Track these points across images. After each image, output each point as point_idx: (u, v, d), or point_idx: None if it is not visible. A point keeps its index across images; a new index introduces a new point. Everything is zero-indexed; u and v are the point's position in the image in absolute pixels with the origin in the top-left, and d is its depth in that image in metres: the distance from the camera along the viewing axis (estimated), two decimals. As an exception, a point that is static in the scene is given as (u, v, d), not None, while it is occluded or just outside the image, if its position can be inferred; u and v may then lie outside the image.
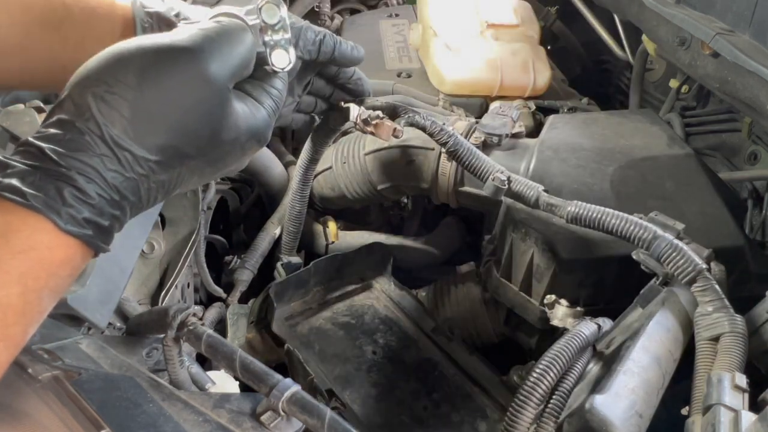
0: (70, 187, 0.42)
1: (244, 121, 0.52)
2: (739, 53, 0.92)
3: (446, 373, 0.98)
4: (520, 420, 0.59)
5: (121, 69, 0.45)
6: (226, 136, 0.50)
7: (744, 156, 1.35)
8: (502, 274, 0.99)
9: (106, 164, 0.43)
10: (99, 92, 0.44)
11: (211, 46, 0.48)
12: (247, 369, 0.56)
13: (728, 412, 0.50)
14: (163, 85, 0.45)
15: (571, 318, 0.88)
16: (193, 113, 0.47)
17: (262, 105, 0.55)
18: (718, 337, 0.61)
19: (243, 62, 0.52)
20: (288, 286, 1.07)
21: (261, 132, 0.54)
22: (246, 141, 0.53)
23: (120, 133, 0.44)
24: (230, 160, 0.53)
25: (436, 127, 0.86)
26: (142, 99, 0.44)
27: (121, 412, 0.49)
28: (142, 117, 0.45)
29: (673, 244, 0.69)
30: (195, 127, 0.48)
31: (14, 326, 0.41)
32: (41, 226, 0.41)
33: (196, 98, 0.47)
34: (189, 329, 0.60)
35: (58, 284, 0.44)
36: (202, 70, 0.47)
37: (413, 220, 1.42)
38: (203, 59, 0.47)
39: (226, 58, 0.49)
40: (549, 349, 0.63)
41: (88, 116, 0.43)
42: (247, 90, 0.55)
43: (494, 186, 0.84)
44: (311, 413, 0.52)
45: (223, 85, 0.49)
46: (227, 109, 0.50)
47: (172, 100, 0.46)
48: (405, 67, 1.45)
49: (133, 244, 0.79)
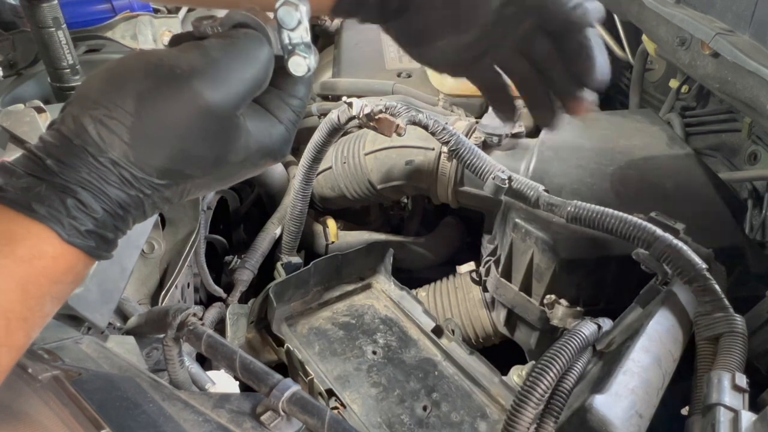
0: (74, 200, 0.42)
1: (257, 141, 0.49)
2: (739, 53, 0.92)
3: (446, 373, 0.98)
4: (520, 420, 0.59)
5: (119, 93, 0.44)
6: (234, 159, 0.48)
7: (744, 156, 1.35)
8: (502, 274, 0.99)
9: (107, 181, 0.43)
10: (97, 116, 0.43)
11: (216, 72, 0.46)
12: (247, 369, 0.56)
13: (728, 412, 0.50)
14: (162, 113, 0.44)
15: (571, 318, 0.88)
16: (195, 139, 0.45)
17: (279, 120, 0.51)
18: (718, 337, 0.61)
19: (254, 84, 0.48)
20: (288, 286, 1.07)
21: (277, 150, 0.51)
22: (260, 159, 0.50)
23: (120, 156, 0.43)
24: (242, 175, 0.51)
25: (438, 126, 0.86)
26: (140, 125, 0.43)
27: (121, 412, 0.49)
28: (142, 142, 0.44)
29: (673, 245, 0.69)
30: (198, 152, 0.46)
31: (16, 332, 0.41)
32: (45, 235, 0.41)
33: (197, 126, 0.45)
34: (189, 329, 0.60)
35: (60, 291, 0.44)
36: (203, 99, 0.45)
37: (413, 220, 1.42)
38: (205, 87, 0.45)
39: (233, 83, 0.46)
40: (549, 349, 0.63)
41: (86, 137, 0.43)
42: (264, 103, 0.51)
43: (495, 185, 0.84)
44: (311, 413, 0.52)
45: (227, 113, 0.46)
46: (233, 134, 0.47)
47: (171, 128, 0.44)
48: (405, 67, 1.46)
49: (133, 244, 0.79)
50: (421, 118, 0.85)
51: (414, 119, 0.85)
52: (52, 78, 1.10)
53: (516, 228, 0.93)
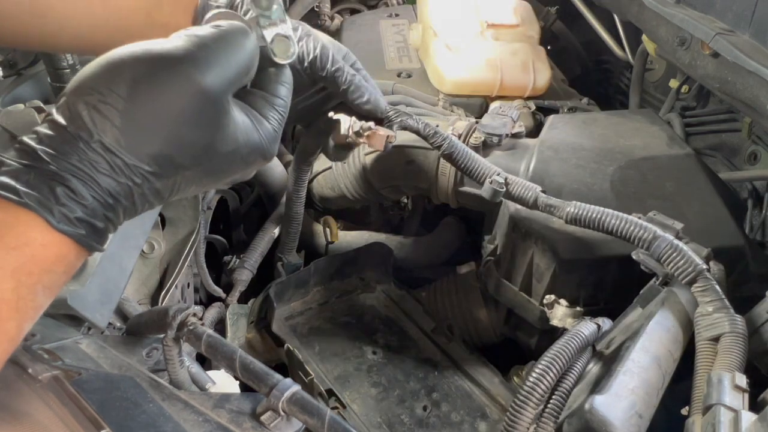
0: (64, 187, 0.42)
1: (245, 135, 0.51)
2: (739, 53, 0.92)
3: (446, 373, 0.98)
4: (520, 420, 0.59)
5: (113, 79, 0.45)
6: (223, 148, 0.49)
7: (744, 156, 1.35)
8: (502, 274, 0.99)
9: (98, 169, 0.44)
10: (92, 101, 0.44)
11: (207, 56, 0.48)
12: (247, 369, 0.56)
13: (728, 412, 0.50)
14: (155, 96, 0.45)
15: (571, 318, 0.88)
16: (187, 124, 0.47)
17: (266, 119, 0.54)
18: (719, 337, 0.61)
19: (242, 70, 0.51)
20: (288, 286, 1.07)
21: (265, 147, 0.53)
22: (247, 154, 0.52)
23: (112, 141, 0.44)
24: (231, 171, 0.52)
25: (430, 130, 0.86)
26: (133, 110, 0.44)
27: (121, 412, 0.49)
28: (134, 127, 0.44)
29: (673, 245, 0.69)
30: (189, 138, 0.47)
31: (8, 321, 0.41)
32: (34, 223, 0.42)
33: (189, 109, 0.46)
34: (189, 329, 0.60)
35: (52, 280, 0.44)
36: (196, 82, 0.46)
37: (413, 220, 1.42)
38: (197, 70, 0.47)
39: (224, 68, 0.48)
40: (549, 349, 0.63)
41: (80, 124, 0.43)
42: (251, 102, 0.53)
43: (492, 189, 0.84)
44: (311, 413, 0.52)
45: (219, 96, 0.48)
46: (224, 120, 0.49)
47: (164, 111, 0.45)
48: (405, 67, 1.45)
49: (133, 244, 0.79)
50: (411, 123, 0.85)
51: (404, 125, 0.84)
52: (52, 78, 1.09)
53: (516, 228, 0.93)
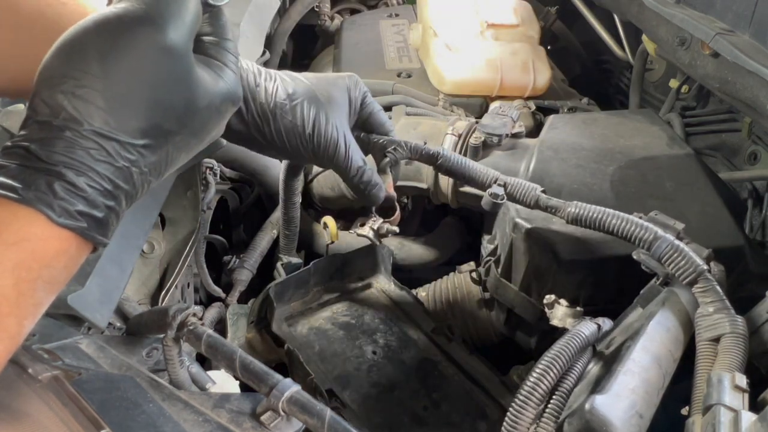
0: (61, 181, 0.42)
1: (213, 85, 0.51)
2: (739, 53, 0.92)
3: (446, 373, 0.98)
4: (520, 420, 0.59)
5: (81, 59, 0.44)
6: (201, 102, 0.49)
7: (744, 156, 1.35)
8: (502, 274, 0.99)
9: (94, 156, 0.43)
10: (68, 89, 0.43)
11: (160, 11, 0.46)
12: (247, 369, 0.56)
13: (728, 412, 0.50)
14: (127, 65, 0.44)
15: (571, 318, 0.88)
16: (163, 86, 0.46)
17: (225, 65, 0.53)
18: (719, 338, 0.61)
19: (196, 17, 0.49)
20: (288, 286, 1.07)
21: (233, 92, 0.53)
22: (221, 103, 0.52)
23: (102, 124, 0.43)
24: (211, 126, 0.53)
25: (420, 150, 0.86)
26: (111, 85, 0.44)
27: (121, 412, 0.49)
28: (118, 103, 0.44)
29: (674, 245, 0.69)
30: (169, 100, 0.47)
31: (9, 317, 0.41)
32: (33, 218, 0.42)
33: (162, 70, 0.46)
34: (189, 329, 0.60)
35: (53, 276, 0.43)
36: (162, 40, 0.46)
37: (413, 220, 1.42)
38: (160, 27, 0.46)
39: (182, 19, 0.47)
40: (549, 350, 0.63)
41: (65, 115, 0.43)
42: (204, 51, 0.53)
43: (491, 202, 0.83)
44: (311, 413, 0.52)
45: (184, 50, 0.48)
46: (194, 74, 0.49)
47: (139, 79, 0.45)
48: (405, 67, 1.45)
49: (133, 244, 0.79)
50: (399, 153, 0.84)
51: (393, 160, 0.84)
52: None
53: (516, 228, 0.93)
